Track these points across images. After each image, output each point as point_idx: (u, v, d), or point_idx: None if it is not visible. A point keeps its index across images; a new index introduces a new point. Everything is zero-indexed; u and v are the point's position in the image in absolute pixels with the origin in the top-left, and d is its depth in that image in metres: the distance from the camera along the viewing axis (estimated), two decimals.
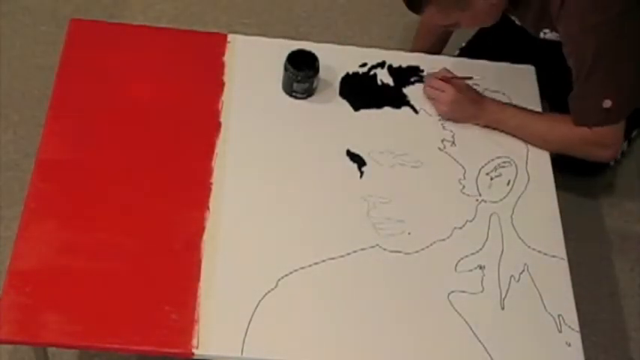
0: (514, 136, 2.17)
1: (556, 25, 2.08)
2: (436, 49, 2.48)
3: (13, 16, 2.83)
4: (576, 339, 1.89)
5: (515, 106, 2.19)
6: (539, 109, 2.24)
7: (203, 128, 2.09)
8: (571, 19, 2.02)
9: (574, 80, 2.09)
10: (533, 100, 2.25)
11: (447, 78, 2.17)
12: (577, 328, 1.90)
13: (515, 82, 2.30)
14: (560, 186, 2.12)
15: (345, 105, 2.20)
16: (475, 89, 2.19)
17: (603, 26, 2.00)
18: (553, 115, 2.19)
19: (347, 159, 2.09)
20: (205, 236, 1.91)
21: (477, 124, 2.18)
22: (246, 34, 2.33)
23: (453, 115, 2.16)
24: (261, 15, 2.94)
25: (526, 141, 2.16)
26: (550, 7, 2.06)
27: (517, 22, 2.25)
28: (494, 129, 2.18)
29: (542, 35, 2.19)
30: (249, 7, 2.96)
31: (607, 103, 2.05)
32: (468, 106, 2.16)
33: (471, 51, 2.51)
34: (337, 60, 2.26)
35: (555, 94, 2.25)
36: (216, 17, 2.91)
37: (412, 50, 2.48)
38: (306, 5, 3.01)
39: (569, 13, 2.02)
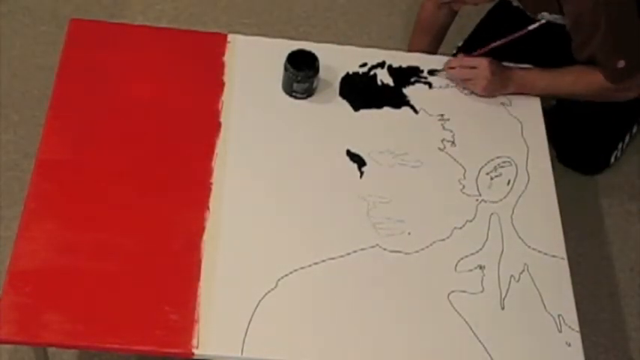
0: (541, 95, 2.27)
1: (562, 4, 2.19)
2: (432, 47, 2.52)
3: (13, 16, 2.84)
4: (576, 339, 1.89)
5: (536, 67, 2.28)
6: (539, 109, 2.26)
7: (203, 128, 2.09)
8: None
9: (580, 47, 2.23)
10: (533, 99, 2.26)
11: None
12: (577, 328, 1.90)
13: None
14: (560, 186, 2.13)
15: (345, 105, 2.20)
16: (493, 59, 2.24)
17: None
18: (576, 70, 2.27)
19: (347, 159, 2.10)
20: (205, 236, 1.91)
21: (507, 94, 2.24)
22: (246, 34, 2.34)
23: (490, 87, 2.21)
24: (261, 15, 2.96)
25: (554, 96, 2.30)
26: None
27: (515, 3, 2.34)
28: (522, 94, 2.25)
29: (538, 17, 2.29)
30: (249, 7, 2.97)
31: (621, 64, 2.20)
32: (502, 75, 2.23)
33: (467, 50, 2.53)
34: (337, 60, 2.26)
35: None
36: (216, 17, 2.92)
37: (409, 49, 2.51)
38: (306, 5, 3.02)
39: None
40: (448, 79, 2.26)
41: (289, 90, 2.14)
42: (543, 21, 2.28)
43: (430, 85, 2.27)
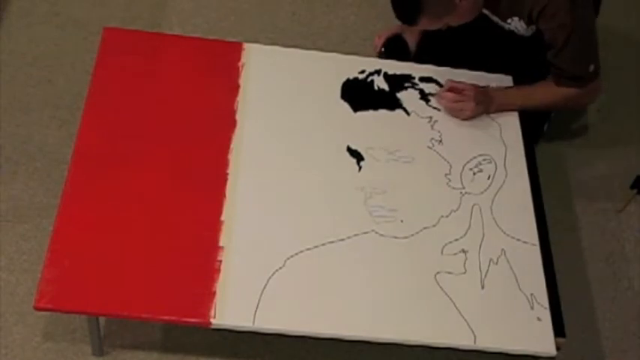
0: (518, 110, 2.35)
1: (538, 19, 2.27)
2: None
3: (64, 28, 2.81)
4: (546, 315, 1.98)
5: (511, 87, 2.37)
6: (515, 114, 2.35)
7: (221, 126, 2.17)
8: (558, 11, 2.24)
9: (555, 56, 2.32)
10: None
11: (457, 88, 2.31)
12: (546, 305, 1.99)
13: None
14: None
15: (345, 106, 2.28)
16: (477, 86, 2.32)
17: (581, 11, 2.25)
18: (543, 86, 2.37)
19: (347, 154, 2.18)
20: (222, 222, 2.00)
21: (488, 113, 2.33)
22: (267, 45, 2.42)
23: (476, 114, 2.30)
24: (283, 30, 2.99)
25: (529, 109, 2.38)
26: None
27: (485, 12, 2.37)
28: (502, 111, 2.35)
29: (507, 25, 2.37)
30: (273, 23, 3.00)
31: (592, 67, 2.33)
32: (485, 102, 2.30)
33: (427, 47, 2.61)
34: (338, 67, 2.35)
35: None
36: (243, 31, 2.93)
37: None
38: (322, 22, 3.06)
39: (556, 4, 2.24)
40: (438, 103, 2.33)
41: None
42: (507, 27, 2.35)
43: (421, 90, 2.35)
